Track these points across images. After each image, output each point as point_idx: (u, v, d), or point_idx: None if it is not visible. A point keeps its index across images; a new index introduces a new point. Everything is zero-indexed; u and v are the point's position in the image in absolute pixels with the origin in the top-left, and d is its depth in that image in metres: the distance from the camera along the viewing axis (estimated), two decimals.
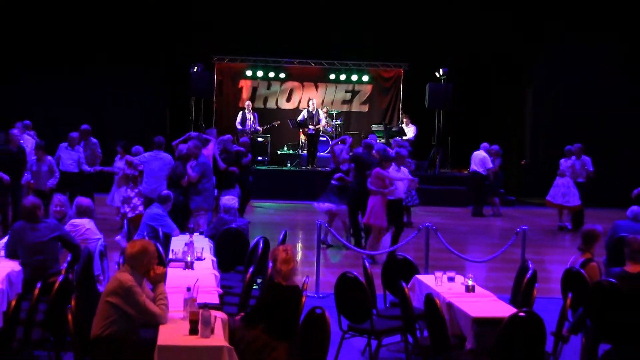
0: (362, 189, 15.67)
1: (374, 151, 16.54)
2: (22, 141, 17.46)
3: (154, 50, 24.29)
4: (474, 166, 21.25)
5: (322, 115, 24.55)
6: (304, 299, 7.91)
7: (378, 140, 22.60)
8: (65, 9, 23.47)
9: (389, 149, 16.97)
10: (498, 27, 24.89)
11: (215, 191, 16.04)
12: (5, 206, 15.72)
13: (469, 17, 24.73)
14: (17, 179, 15.75)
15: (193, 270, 9.66)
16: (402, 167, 15.72)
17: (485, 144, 21.48)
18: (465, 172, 22.55)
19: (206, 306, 7.17)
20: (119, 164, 17.37)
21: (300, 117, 24.47)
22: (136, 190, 16.10)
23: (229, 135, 17.79)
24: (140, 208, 15.79)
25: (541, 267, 11.49)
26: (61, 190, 15.37)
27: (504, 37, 25.08)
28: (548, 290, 11.99)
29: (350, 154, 17.77)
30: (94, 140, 18.40)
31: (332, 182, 16.47)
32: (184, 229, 13.45)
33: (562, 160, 19.51)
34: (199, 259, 10.20)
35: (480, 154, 21.26)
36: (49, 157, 16.43)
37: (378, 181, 14.76)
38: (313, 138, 24.21)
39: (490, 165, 21.00)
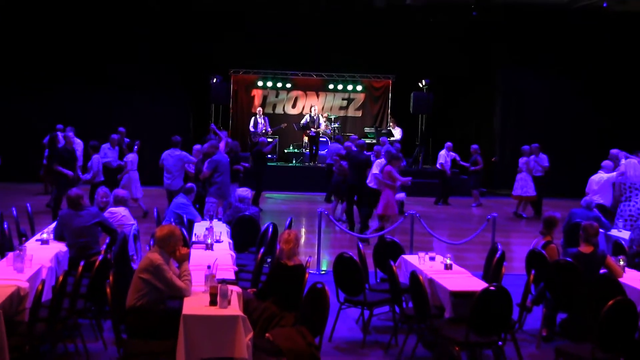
0: (358, 184, 15.83)
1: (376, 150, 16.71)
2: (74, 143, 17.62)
3: (180, 64, 24.28)
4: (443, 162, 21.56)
5: (322, 120, 24.67)
6: (307, 275, 7.94)
7: (369, 141, 22.70)
8: (106, 32, 23.51)
9: (391, 148, 16.84)
10: (472, 45, 24.90)
11: None
12: (62, 197, 15.86)
13: (448, 36, 24.71)
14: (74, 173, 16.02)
15: (213, 251, 9.69)
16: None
17: (447, 143, 21.68)
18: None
19: (224, 281, 7.19)
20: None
21: (303, 121, 24.53)
22: None
23: (236, 142, 17.99)
24: None
25: (508, 248, 11.52)
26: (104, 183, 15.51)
27: (477, 53, 25.10)
28: (514, 268, 12.00)
29: (336, 157, 17.89)
30: (127, 140, 18.48)
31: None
32: (205, 216, 13.46)
33: (520, 159, 19.66)
34: (217, 241, 10.24)
35: (441, 153, 21.49)
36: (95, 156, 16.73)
37: (390, 177, 14.70)
38: (314, 139, 24.30)
39: (442, 160, 21.34)
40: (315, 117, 24.44)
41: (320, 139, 24.50)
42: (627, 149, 16.47)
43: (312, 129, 24.19)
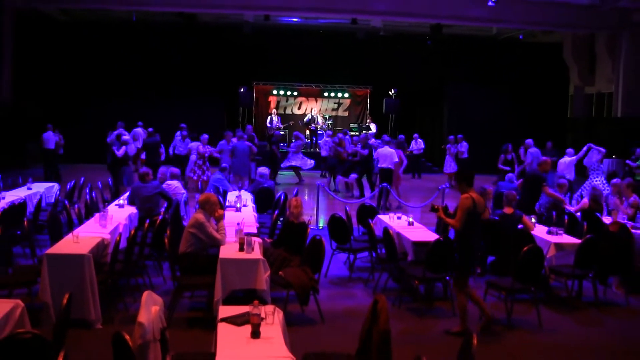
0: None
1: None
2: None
3: (217, 78, 24.22)
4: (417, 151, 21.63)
5: (320, 118, 24.72)
6: (308, 230, 7.94)
7: (353, 133, 22.77)
8: (168, 59, 23.60)
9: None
10: (427, 65, 24.83)
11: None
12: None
13: (410, 58, 24.65)
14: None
15: (241, 213, 9.71)
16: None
17: (415, 135, 21.71)
18: (407, 152, 22.52)
19: (249, 234, 7.20)
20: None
21: (306, 119, 24.65)
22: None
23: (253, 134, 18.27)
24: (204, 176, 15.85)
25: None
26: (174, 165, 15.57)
27: (431, 71, 25.02)
28: None
29: (331, 144, 17.90)
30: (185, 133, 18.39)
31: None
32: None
33: (447, 145, 19.97)
34: (244, 205, 10.26)
35: (417, 141, 21.53)
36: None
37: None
38: (314, 132, 24.29)
39: (409, 148, 21.43)
40: (315, 116, 24.57)
41: (318, 132, 24.48)
42: (535, 138, 16.68)
43: (313, 125, 24.29)
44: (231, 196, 11.20)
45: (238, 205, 10.01)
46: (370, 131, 23.39)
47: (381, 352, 4.39)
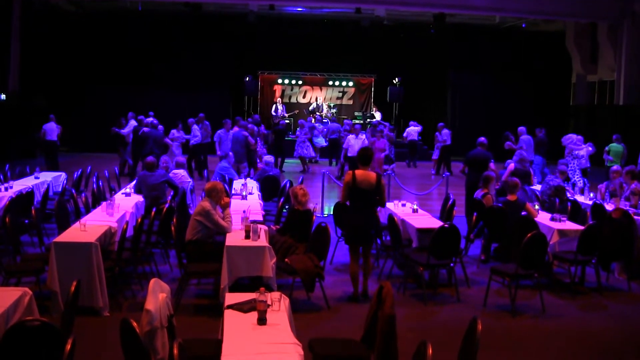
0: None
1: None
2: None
3: (222, 67, 24.12)
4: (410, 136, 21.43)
5: (324, 107, 24.67)
6: (314, 217, 7.90)
7: (356, 121, 22.73)
8: (176, 52, 23.58)
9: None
10: (431, 53, 24.69)
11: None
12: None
13: (414, 46, 24.53)
14: None
15: (247, 201, 9.67)
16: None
17: (412, 122, 21.59)
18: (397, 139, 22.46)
19: (255, 222, 7.18)
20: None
21: (311, 107, 24.61)
22: None
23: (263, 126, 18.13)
24: None
25: (457, 197, 11.46)
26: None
27: (435, 60, 24.88)
28: (461, 212, 11.96)
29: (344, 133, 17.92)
30: (207, 122, 18.17)
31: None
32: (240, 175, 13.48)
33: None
34: (250, 193, 10.23)
35: (412, 129, 21.33)
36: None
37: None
38: (319, 120, 24.25)
39: (406, 134, 21.39)
40: (319, 104, 24.52)
41: (323, 120, 24.45)
42: (537, 125, 16.56)
43: (317, 114, 24.26)
44: (237, 184, 11.19)
45: (244, 193, 9.99)
46: (374, 119, 23.39)
47: (386, 337, 4.37)
